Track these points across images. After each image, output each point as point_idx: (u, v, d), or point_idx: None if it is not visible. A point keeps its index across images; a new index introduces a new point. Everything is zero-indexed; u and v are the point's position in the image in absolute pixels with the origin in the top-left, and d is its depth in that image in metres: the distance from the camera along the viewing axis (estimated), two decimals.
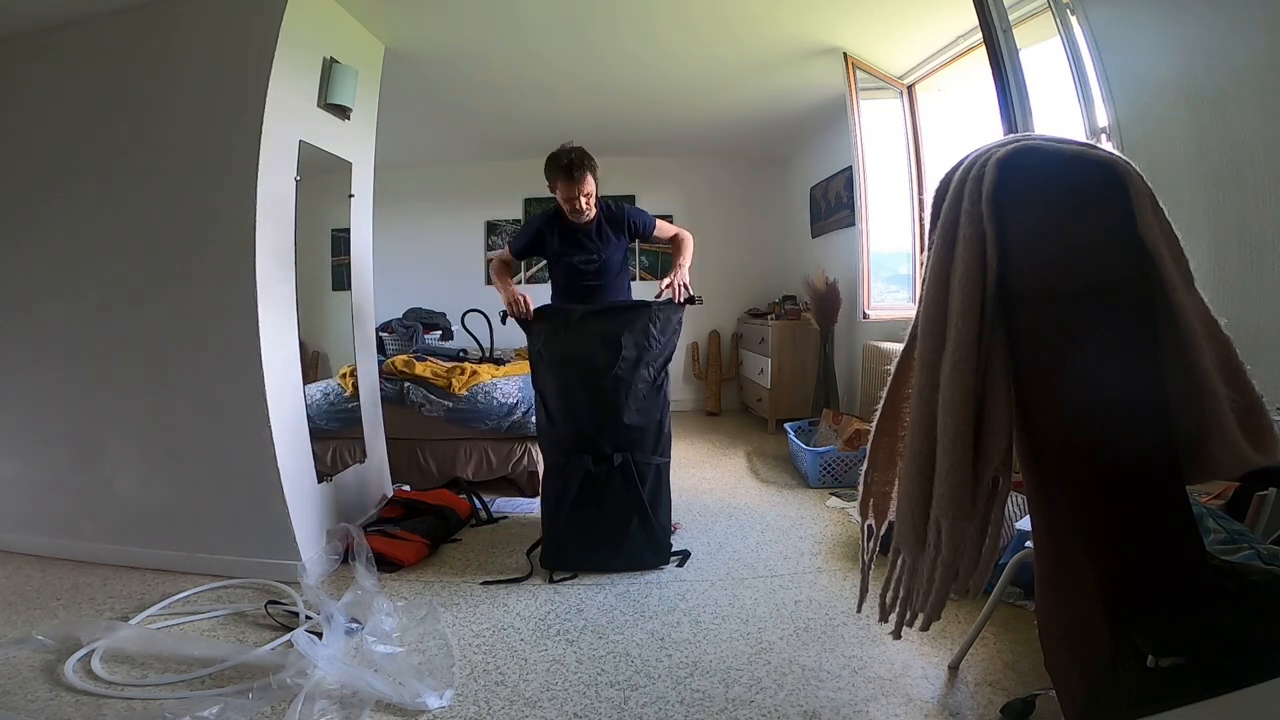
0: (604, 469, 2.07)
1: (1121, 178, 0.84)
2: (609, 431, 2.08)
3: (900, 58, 3.03)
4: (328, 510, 2.25)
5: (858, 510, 1.20)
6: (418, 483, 2.87)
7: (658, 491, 2.13)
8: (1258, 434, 0.82)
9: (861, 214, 3.33)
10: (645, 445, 2.11)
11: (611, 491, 2.07)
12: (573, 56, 3.00)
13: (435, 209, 5.04)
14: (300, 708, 1.34)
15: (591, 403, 2.09)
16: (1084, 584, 0.88)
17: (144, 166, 2.08)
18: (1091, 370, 0.85)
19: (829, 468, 2.95)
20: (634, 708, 1.40)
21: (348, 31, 2.41)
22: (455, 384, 2.95)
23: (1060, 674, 1.03)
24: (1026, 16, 2.09)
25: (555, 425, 2.14)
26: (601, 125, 4.12)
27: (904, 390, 1.06)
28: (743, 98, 3.58)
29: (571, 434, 2.09)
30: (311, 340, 2.40)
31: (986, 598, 1.48)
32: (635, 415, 2.09)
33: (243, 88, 1.97)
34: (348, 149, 2.45)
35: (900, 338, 1.27)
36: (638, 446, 2.09)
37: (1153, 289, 0.82)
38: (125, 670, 1.54)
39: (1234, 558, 0.98)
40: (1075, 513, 0.90)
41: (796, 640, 1.67)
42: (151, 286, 2.10)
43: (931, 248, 0.97)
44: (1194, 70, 1.55)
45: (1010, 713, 1.29)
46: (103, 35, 2.10)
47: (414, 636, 1.69)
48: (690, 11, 2.56)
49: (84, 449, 2.24)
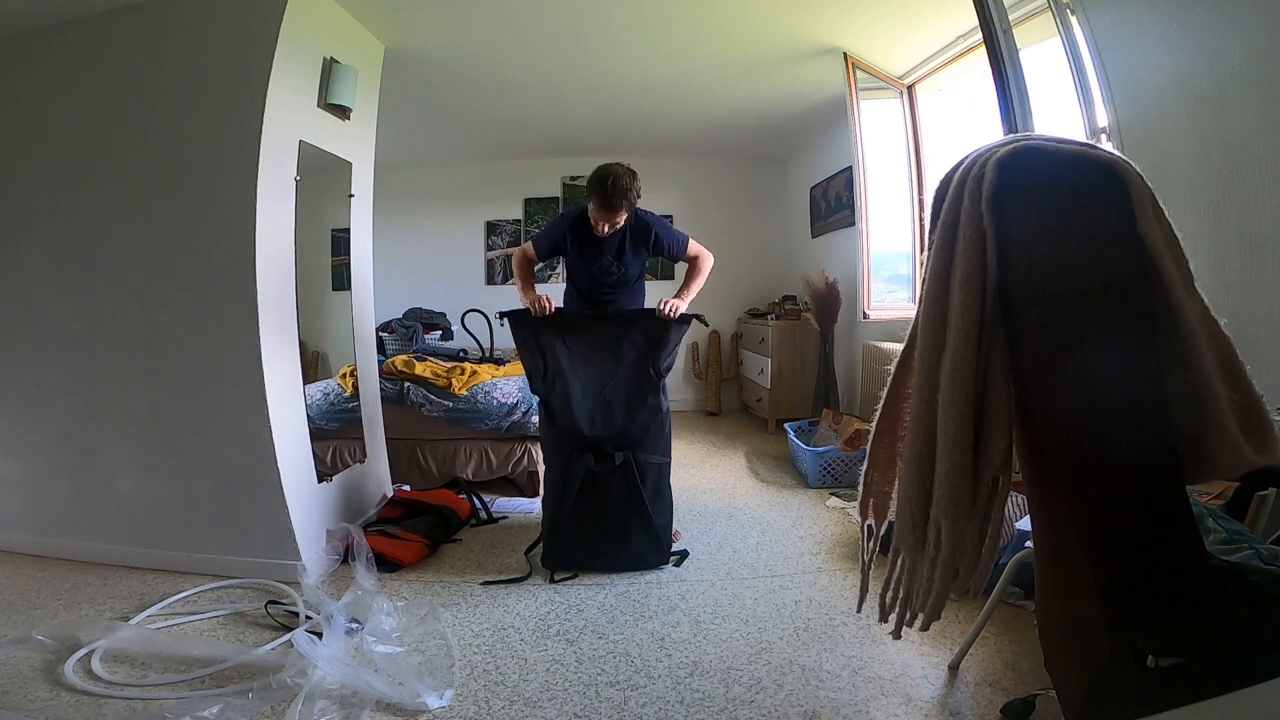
0: (605, 468, 2.07)
1: (1121, 178, 0.84)
2: (610, 431, 2.08)
3: (900, 58, 3.03)
4: (328, 510, 2.25)
5: (858, 510, 1.20)
6: (418, 483, 2.86)
7: (659, 491, 2.13)
8: (1258, 434, 0.82)
9: (861, 214, 3.33)
10: (646, 444, 2.11)
11: (613, 491, 2.07)
12: (573, 57, 3.00)
13: (435, 209, 5.04)
14: (300, 708, 1.34)
15: (593, 403, 2.10)
16: (1084, 584, 0.88)
17: (144, 166, 2.08)
18: (1091, 370, 0.85)
19: (829, 468, 2.95)
20: (634, 708, 1.40)
21: (348, 31, 2.41)
22: (455, 384, 2.95)
23: (1060, 674, 1.03)
24: (1026, 16, 2.09)
25: (556, 425, 2.13)
26: (602, 125, 4.13)
27: (904, 390, 1.06)
28: (743, 98, 3.58)
29: (572, 433, 2.09)
30: (311, 340, 2.39)
31: (986, 598, 1.48)
32: (636, 415, 2.09)
33: (243, 88, 1.97)
34: (348, 149, 2.45)
35: (900, 338, 1.27)
36: (639, 445, 2.09)
37: (1153, 289, 0.82)
38: (125, 670, 1.54)
39: (1234, 558, 0.98)
40: (1075, 513, 0.90)
41: (796, 640, 1.67)
42: (151, 286, 2.10)
43: (931, 248, 0.97)
44: (1194, 70, 1.55)
45: (1010, 713, 1.29)
46: (103, 35, 2.09)
47: (414, 636, 1.69)
48: (690, 11, 2.56)
49: (84, 449, 2.24)
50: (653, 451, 2.12)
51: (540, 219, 5.07)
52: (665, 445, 2.16)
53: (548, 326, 2.17)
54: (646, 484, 2.09)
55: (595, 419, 2.10)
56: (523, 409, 2.91)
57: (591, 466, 2.06)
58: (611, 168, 2.11)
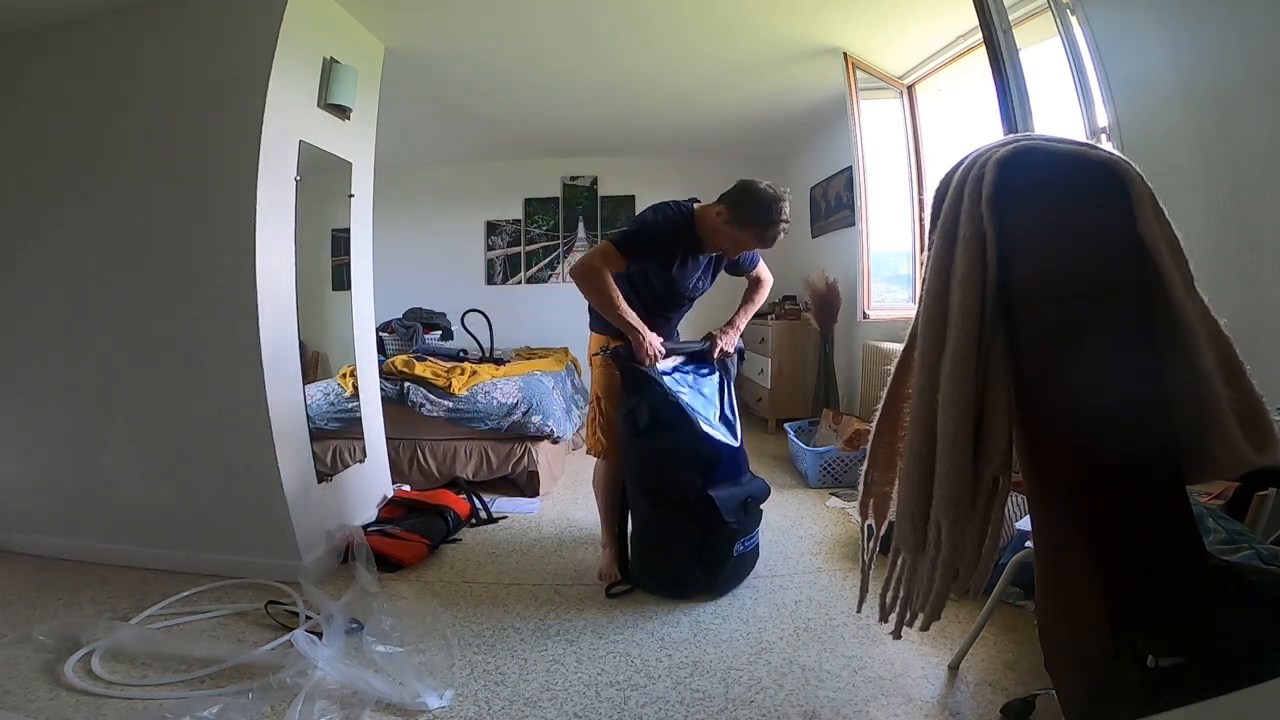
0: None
1: (1121, 178, 0.84)
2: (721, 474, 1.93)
3: (900, 58, 3.03)
4: (328, 510, 2.24)
5: (858, 510, 1.20)
6: (418, 483, 2.87)
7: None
8: (1258, 434, 0.82)
9: (861, 214, 3.33)
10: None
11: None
12: (573, 57, 3.00)
13: (435, 209, 5.04)
14: (300, 708, 1.34)
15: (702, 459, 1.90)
16: (1084, 584, 0.88)
17: (144, 166, 2.08)
18: (1091, 370, 0.85)
19: (829, 468, 2.95)
20: (634, 708, 1.40)
21: (348, 31, 2.40)
22: (455, 384, 2.95)
23: (1060, 674, 1.03)
24: (1026, 16, 2.09)
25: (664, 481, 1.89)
26: (602, 125, 4.13)
27: (904, 390, 1.06)
28: (743, 98, 3.58)
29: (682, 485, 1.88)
30: (311, 340, 2.39)
31: (986, 598, 1.48)
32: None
33: (243, 88, 1.97)
34: (348, 149, 2.45)
35: (900, 338, 1.27)
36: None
37: (1153, 289, 0.82)
38: (125, 670, 1.54)
39: (1234, 558, 0.98)
40: (1075, 513, 0.90)
41: (796, 640, 1.67)
42: (151, 286, 2.10)
43: (931, 248, 0.97)
44: (1194, 70, 1.55)
45: (1010, 713, 1.29)
46: (103, 35, 2.09)
47: (414, 636, 1.68)
48: (691, 12, 2.56)
49: (84, 449, 2.24)
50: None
51: (540, 219, 5.07)
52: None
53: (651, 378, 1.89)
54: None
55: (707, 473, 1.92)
56: (522, 409, 2.91)
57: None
58: (780, 194, 1.79)
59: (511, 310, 4.64)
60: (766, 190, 1.79)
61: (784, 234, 1.82)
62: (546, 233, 5.07)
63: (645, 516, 1.97)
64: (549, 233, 5.07)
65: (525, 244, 5.09)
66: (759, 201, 1.78)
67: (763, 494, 2.01)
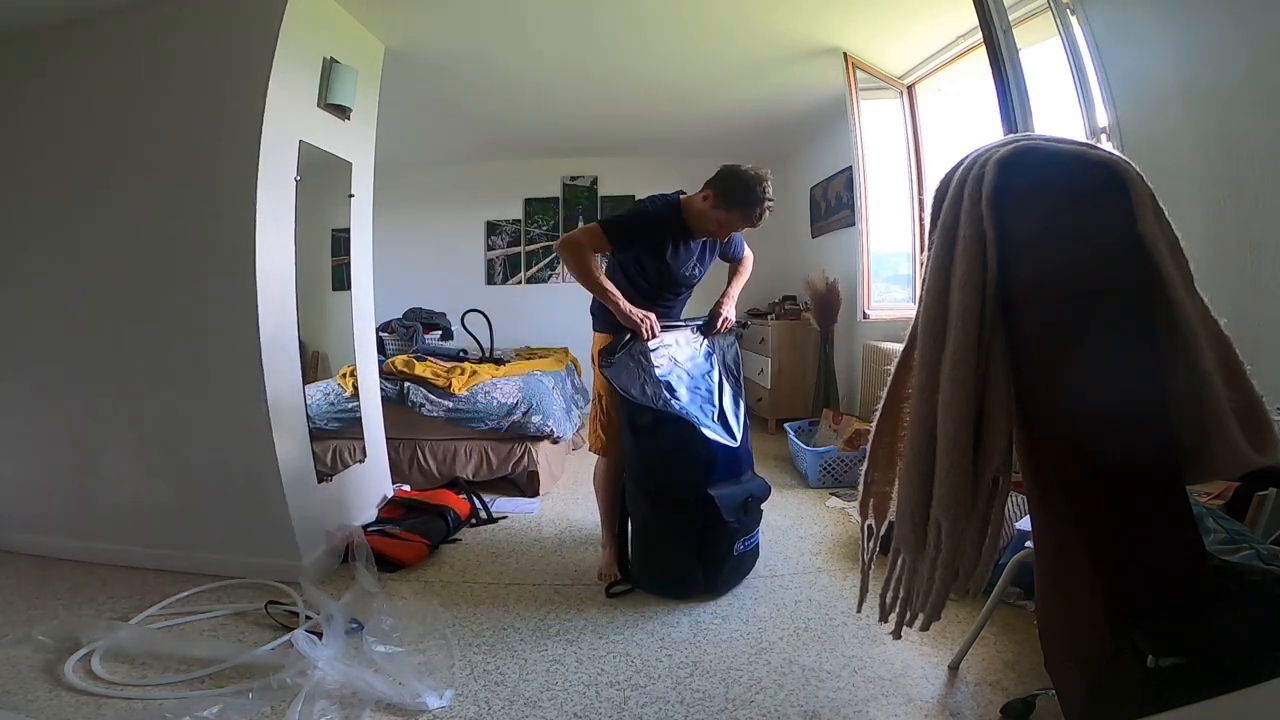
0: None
1: (1122, 178, 0.84)
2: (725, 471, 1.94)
3: (900, 58, 3.03)
4: (328, 510, 2.24)
5: (858, 510, 1.20)
6: (418, 483, 2.86)
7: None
8: (1258, 434, 0.82)
9: (861, 214, 3.33)
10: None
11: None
12: (573, 57, 3.00)
13: (435, 209, 5.04)
14: (300, 708, 1.34)
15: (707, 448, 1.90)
16: (1084, 584, 0.88)
17: (144, 166, 2.07)
18: (1092, 370, 0.85)
19: (829, 468, 2.95)
20: (634, 708, 1.40)
21: (348, 31, 2.40)
22: (455, 384, 2.95)
23: (1060, 674, 1.03)
24: (1026, 16, 2.09)
25: (671, 473, 1.89)
26: (602, 125, 4.12)
27: (904, 390, 1.06)
28: (743, 98, 3.57)
29: (688, 483, 1.88)
30: (311, 340, 2.39)
31: (986, 598, 1.48)
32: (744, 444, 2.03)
33: (243, 88, 1.97)
34: (348, 149, 2.45)
35: (900, 338, 1.27)
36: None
37: (1153, 289, 0.82)
38: (125, 670, 1.54)
39: (1234, 558, 0.98)
40: (1075, 513, 0.90)
41: (796, 640, 1.67)
42: (151, 286, 2.10)
43: (931, 248, 0.97)
44: (1194, 70, 1.55)
45: (1010, 713, 1.29)
46: (103, 35, 2.09)
47: (414, 636, 1.68)
48: (691, 12, 2.56)
49: (84, 449, 2.24)
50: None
51: (540, 219, 5.07)
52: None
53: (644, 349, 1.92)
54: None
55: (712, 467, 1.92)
56: (522, 409, 2.91)
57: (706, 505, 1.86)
58: (763, 175, 1.84)
59: (511, 310, 4.64)
60: (749, 172, 1.85)
61: (769, 212, 1.87)
62: (547, 233, 5.07)
63: (645, 516, 1.97)
64: (549, 233, 5.07)
65: (525, 244, 5.09)
66: (743, 183, 1.84)
67: (763, 493, 2.02)
